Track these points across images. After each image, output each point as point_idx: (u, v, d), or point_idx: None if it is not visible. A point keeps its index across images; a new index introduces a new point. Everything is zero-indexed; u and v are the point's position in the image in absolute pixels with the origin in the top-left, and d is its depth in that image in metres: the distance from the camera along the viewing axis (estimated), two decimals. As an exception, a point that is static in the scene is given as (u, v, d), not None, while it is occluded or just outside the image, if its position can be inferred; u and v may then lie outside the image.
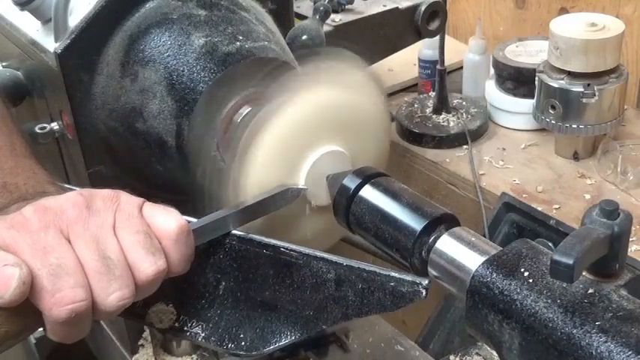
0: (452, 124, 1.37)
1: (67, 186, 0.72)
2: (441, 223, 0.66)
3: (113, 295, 0.56)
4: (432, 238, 0.65)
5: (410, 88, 1.59)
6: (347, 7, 1.22)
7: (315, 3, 1.06)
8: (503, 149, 1.33)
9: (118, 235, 0.57)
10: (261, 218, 0.72)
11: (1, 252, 0.54)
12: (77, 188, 0.67)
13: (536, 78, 1.24)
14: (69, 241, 0.56)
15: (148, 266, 0.57)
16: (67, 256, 0.55)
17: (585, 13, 1.26)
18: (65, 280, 0.54)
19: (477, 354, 0.97)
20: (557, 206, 1.16)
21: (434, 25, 1.26)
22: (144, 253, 0.57)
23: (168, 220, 0.60)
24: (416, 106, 1.44)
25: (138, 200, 0.61)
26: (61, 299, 0.54)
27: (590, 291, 0.55)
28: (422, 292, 0.59)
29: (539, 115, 1.24)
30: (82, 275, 0.55)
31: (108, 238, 0.57)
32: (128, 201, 0.60)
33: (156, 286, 0.60)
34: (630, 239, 0.57)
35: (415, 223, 0.66)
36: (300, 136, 0.74)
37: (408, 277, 0.60)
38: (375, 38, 1.24)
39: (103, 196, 0.59)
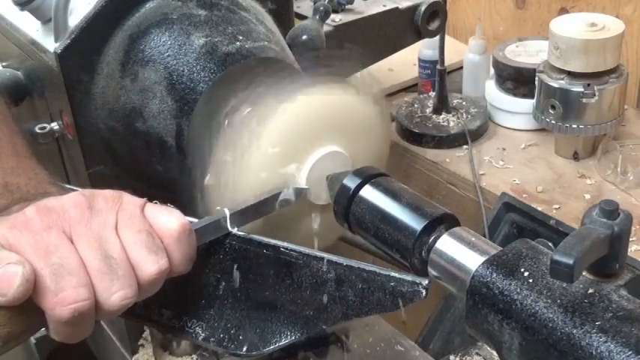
0: (452, 124, 1.37)
1: (68, 186, 0.72)
2: (441, 223, 0.66)
3: (116, 294, 0.56)
4: (432, 238, 0.65)
5: (410, 88, 1.59)
6: (347, 7, 1.22)
7: (315, 3, 1.06)
8: (503, 149, 1.33)
9: (120, 235, 0.58)
10: (262, 218, 0.72)
11: (4, 251, 0.54)
12: (78, 188, 0.67)
13: (536, 78, 1.24)
14: (71, 241, 0.56)
15: (151, 265, 0.58)
16: (70, 255, 0.55)
17: (585, 13, 1.26)
18: (68, 280, 0.54)
19: (477, 354, 0.97)
20: (557, 206, 1.16)
21: (434, 25, 1.26)
22: (146, 253, 0.58)
23: (170, 219, 0.60)
24: (416, 106, 1.44)
25: (140, 200, 0.61)
26: (64, 299, 0.54)
27: (590, 291, 0.55)
28: (422, 292, 0.59)
29: (539, 115, 1.24)
30: (85, 275, 0.55)
31: (110, 237, 0.57)
32: (130, 201, 0.60)
33: (158, 286, 0.60)
34: (630, 239, 0.57)
35: (415, 223, 0.66)
36: (300, 136, 0.74)
37: (408, 277, 0.60)
38: (375, 38, 1.24)
39: (105, 196, 0.59)
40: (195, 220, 0.65)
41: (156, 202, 0.62)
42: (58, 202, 0.58)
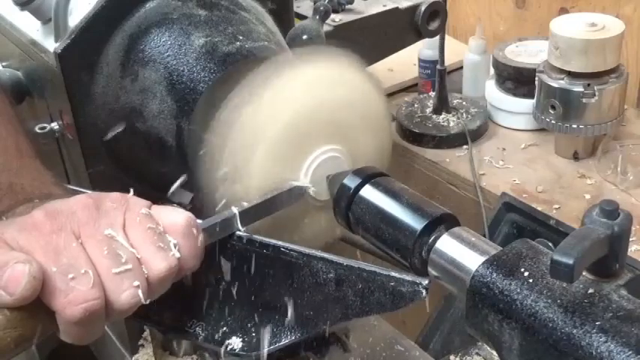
0: (452, 124, 1.37)
1: (71, 187, 0.72)
2: (441, 223, 0.66)
3: (126, 292, 0.56)
4: (432, 238, 0.65)
5: (410, 88, 1.59)
6: (347, 7, 1.22)
7: (315, 3, 1.06)
8: (503, 149, 1.33)
9: (128, 234, 0.58)
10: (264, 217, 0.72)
11: (12, 251, 0.54)
12: (81, 189, 0.67)
13: (536, 78, 1.24)
14: (80, 242, 0.56)
15: (159, 262, 0.58)
16: (79, 256, 0.55)
17: (585, 13, 1.26)
18: (78, 280, 0.54)
19: (477, 354, 0.97)
20: (557, 206, 1.16)
21: (434, 25, 1.26)
22: (155, 250, 0.58)
23: (176, 215, 0.61)
24: (416, 106, 1.44)
25: (146, 201, 0.61)
26: (74, 298, 0.54)
27: (590, 291, 0.55)
28: (422, 292, 0.59)
29: (539, 115, 1.24)
30: (95, 274, 0.55)
31: (118, 237, 0.57)
32: (136, 202, 0.61)
33: (168, 284, 0.60)
34: (630, 239, 0.57)
35: (415, 223, 0.66)
36: (300, 134, 0.74)
37: (408, 277, 0.60)
38: (375, 38, 1.24)
39: (112, 198, 0.60)
40: (199, 220, 0.65)
41: (162, 203, 0.63)
42: (66, 204, 0.58)
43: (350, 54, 0.78)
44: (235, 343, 0.68)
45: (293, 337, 0.66)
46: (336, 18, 1.21)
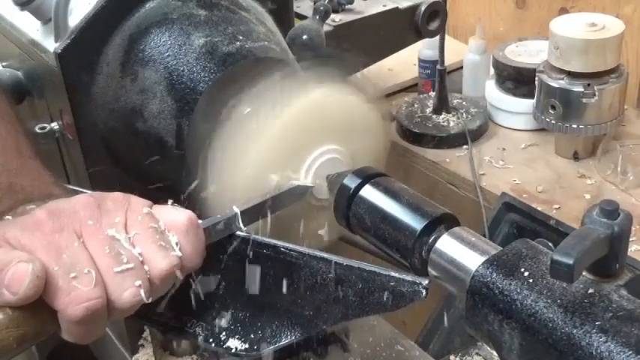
0: (452, 124, 1.37)
1: (71, 187, 0.72)
2: (441, 223, 0.66)
3: (128, 291, 0.56)
4: (432, 238, 0.65)
5: (410, 88, 1.59)
6: (347, 7, 1.22)
7: (315, 3, 1.06)
8: (503, 149, 1.34)
9: (129, 233, 0.58)
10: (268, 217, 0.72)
11: (15, 250, 0.54)
12: (81, 189, 0.67)
13: (536, 78, 1.24)
14: (82, 242, 0.56)
15: (161, 260, 0.58)
16: (81, 255, 0.55)
17: (585, 13, 1.26)
18: (80, 279, 0.54)
19: (477, 354, 0.97)
20: (557, 206, 1.17)
21: (434, 25, 1.26)
22: (156, 249, 0.58)
23: (177, 214, 0.61)
24: (416, 106, 1.44)
25: (147, 201, 0.62)
26: (76, 297, 0.54)
27: (590, 291, 0.55)
28: (422, 292, 0.59)
29: (539, 115, 1.24)
30: (97, 273, 0.55)
31: (120, 236, 0.58)
32: (138, 202, 0.61)
33: (170, 282, 0.60)
34: (630, 239, 0.57)
35: (415, 223, 0.66)
36: (300, 136, 0.74)
37: (408, 277, 0.60)
38: (375, 38, 1.24)
39: (114, 197, 0.60)
40: (200, 221, 0.65)
41: (165, 203, 0.63)
42: (67, 203, 0.59)
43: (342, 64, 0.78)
44: (235, 343, 0.68)
45: (293, 337, 0.66)
46: (336, 18, 1.21)
